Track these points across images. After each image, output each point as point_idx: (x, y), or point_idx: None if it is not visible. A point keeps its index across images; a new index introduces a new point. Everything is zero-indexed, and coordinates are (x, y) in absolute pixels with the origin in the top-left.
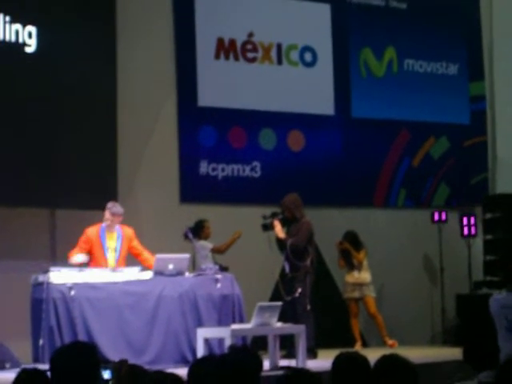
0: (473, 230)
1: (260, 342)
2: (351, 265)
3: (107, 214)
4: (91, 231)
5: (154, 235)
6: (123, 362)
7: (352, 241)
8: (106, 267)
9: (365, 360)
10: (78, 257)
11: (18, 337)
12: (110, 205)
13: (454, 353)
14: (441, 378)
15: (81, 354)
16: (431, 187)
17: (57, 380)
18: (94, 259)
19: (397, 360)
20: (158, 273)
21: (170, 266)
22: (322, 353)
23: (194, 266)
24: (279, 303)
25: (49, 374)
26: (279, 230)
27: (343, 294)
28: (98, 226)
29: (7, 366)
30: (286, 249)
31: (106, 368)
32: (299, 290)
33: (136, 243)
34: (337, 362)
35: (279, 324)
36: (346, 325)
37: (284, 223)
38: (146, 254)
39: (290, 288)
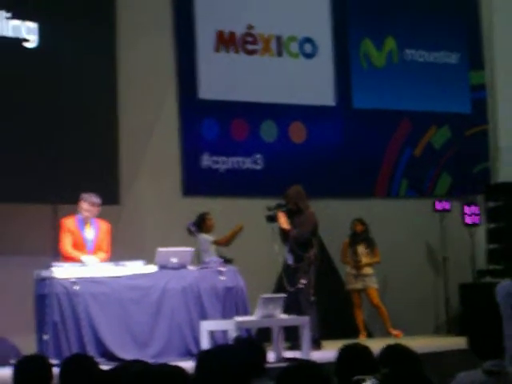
0: (475, 219)
1: (264, 334)
2: (357, 262)
3: (85, 205)
4: (69, 223)
5: (156, 229)
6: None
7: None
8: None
9: (368, 350)
10: (91, 258)
11: (23, 332)
12: (85, 196)
13: (458, 342)
14: (445, 368)
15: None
16: (433, 177)
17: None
18: (75, 248)
19: (401, 349)
20: (162, 266)
21: (173, 260)
22: (326, 344)
23: (198, 259)
24: (283, 295)
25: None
26: (284, 222)
27: (346, 285)
28: (73, 218)
29: (12, 361)
30: (290, 240)
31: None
32: (303, 281)
33: (105, 239)
34: (341, 353)
35: (283, 316)
36: (351, 316)
37: (288, 215)
38: (99, 254)
39: (293, 279)
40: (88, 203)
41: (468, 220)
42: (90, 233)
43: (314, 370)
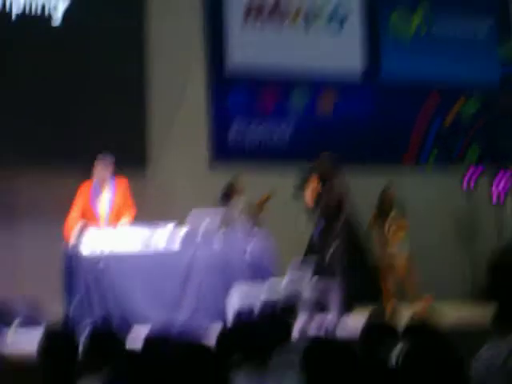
0: (504, 192)
1: (290, 310)
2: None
3: (99, 166)
4: (84, 186)
5: (183, 201)
6: None
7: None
8: (97, 222)
9: (392, 325)
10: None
11: (53, 300)
12: (99, 157)
13: (484, 314)
14: (472, 342)
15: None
16: (462, 148)
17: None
18: (86, 214)
19: (425, 324)
20: (192, 229)
21: (205, 221)
22: (357, 311)
23: (228, 224)
24: (313, 259)
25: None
26: (308, 195)
27: (375, 254)
28: (91, 181)
29: (42, 323)
30: (318, 209)
31: None
32: (331, 249)
33: (126, 196)
34: (365, 329)
35: (313, 280)
36: (379, 285)
37: (319, 179)
38: (123, 218)
39: (322, 247)
40: (99, 163)
41: (496, 194)
42: (105, 195)
43: (339, 344)
